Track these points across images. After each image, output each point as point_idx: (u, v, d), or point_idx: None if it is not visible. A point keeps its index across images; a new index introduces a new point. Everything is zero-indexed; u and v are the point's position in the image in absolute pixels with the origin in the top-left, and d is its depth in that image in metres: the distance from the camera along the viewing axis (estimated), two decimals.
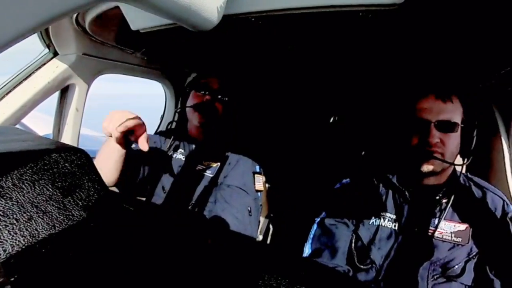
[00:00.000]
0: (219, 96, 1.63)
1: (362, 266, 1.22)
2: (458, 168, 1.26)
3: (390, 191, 1.31)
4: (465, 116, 1.21)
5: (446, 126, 1.16)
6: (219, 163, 1.63)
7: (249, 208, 1.51)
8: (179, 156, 1.69)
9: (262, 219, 2.08)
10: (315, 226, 1.37)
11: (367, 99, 2.16)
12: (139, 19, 0.96)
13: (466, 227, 1.18)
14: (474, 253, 1.15)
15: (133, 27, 0.99)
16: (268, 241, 2.13)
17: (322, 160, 2.32)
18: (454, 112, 1.18)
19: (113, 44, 1.58)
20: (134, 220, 0.76)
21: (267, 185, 2.10)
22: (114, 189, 1.58)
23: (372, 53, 1.35)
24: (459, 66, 1.37)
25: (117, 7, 0.95)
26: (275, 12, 0.82)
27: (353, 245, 1.27)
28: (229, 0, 0.74)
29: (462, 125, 1.19)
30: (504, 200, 1.21)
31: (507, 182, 1.50)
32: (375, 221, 1.27)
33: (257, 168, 1.67)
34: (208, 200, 1.53)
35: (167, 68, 2.19)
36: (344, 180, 1.45)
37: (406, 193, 1.26)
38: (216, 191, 1.54)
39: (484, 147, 1.56)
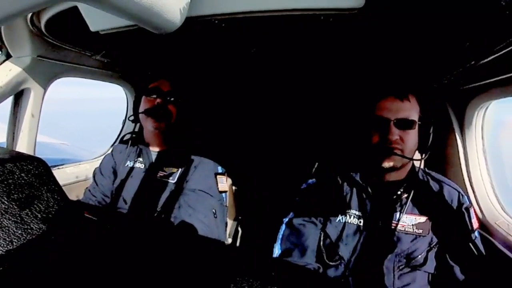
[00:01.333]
0: (172, 99, 1.58)
1: (331, 263, 1.26)
2: (417, 164, 1.33)
3: (355, 189, 1.36)
4: (422, 114, 1.28)
5: (405, 124, 1.22)
6: (180, 169, 1.59)
7: (213, 211, 1.49)
8: (138, 165, 1.64)
9: (230, 222, 2.07)
10: (283, 227, 1.39)
11: (330, 100, 2.21)
12: (98, 20, 0.93)
13: (426, 219, 1.25)
14: (435, 243, 1.23)
15: (92, 28, 0.96)
16: (238, 244, 2.13)
17: (288, 161, 2.35)
18: (411, 111, 1.24)
19: (71, 46, 1.51)
20: (98, 231, 0.73)
21: (234, 187, 2.10)
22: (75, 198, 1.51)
23: (334, 55, 1.39)
24: (414, 67, 1.45)
25: (75, 7, 0.91)
26: (238, 14, 0.82)
27: (321, 242, 1.30)
28: (192, 2, 0.73)
29: (419, 123, 1.26)
30: (459, 192, 1.30)
31: (462, 175, 1.61)
32: (342, 218, 1.31)
33: (219, 169, 1.65)
34: (174, 207, 1.49)
35: (128, 71, 2.12)
36: (310, 180, 1.48)
37: (369, 189, 1.31)
38: (180, 197, 1.51)
39: (440, 143, 1.65)
